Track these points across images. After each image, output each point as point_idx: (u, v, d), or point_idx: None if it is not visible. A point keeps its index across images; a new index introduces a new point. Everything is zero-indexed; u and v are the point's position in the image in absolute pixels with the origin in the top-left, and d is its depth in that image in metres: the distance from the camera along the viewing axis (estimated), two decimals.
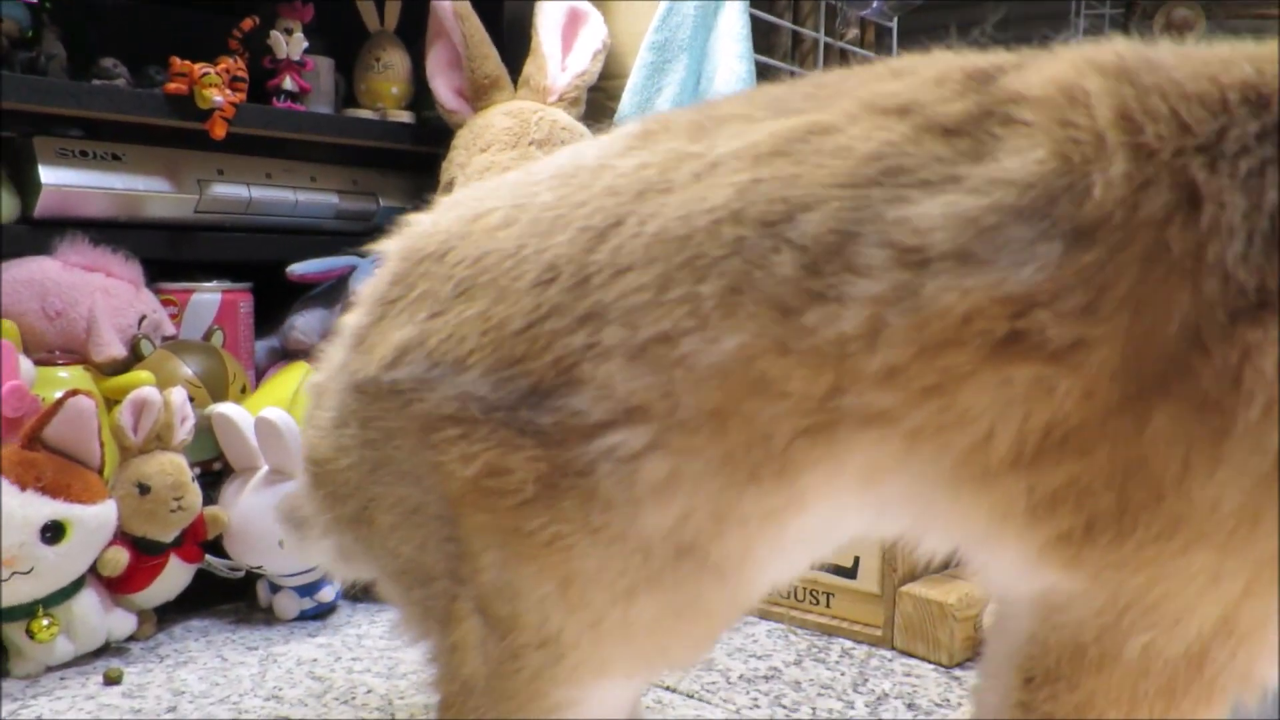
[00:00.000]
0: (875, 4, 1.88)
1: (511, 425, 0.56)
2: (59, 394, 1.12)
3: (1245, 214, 0.47)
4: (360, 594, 1.36)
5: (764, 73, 1.71)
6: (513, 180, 0.65)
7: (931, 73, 0.55)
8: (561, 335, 0.55)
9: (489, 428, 0.56)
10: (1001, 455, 0.51)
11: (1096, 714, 0.54)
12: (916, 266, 0.50)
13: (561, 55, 1.56)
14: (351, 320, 0.67)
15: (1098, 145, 0.49)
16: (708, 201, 0.54)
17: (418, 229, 0.67)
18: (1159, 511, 0.49)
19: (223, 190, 1.45)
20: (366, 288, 0.68)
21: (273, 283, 1.50)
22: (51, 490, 1.08)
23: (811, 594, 1.25)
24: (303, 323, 1.50)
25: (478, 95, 1.52)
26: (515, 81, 1.54)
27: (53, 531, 1.08)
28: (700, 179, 0.55)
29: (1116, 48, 0.53)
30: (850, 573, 1.22)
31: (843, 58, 1.96)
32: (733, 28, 1.62)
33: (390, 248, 0.68)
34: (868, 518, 0.58)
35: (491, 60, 1.52)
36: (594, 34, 1.57)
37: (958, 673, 1.12)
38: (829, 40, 1.92)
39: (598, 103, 1.63)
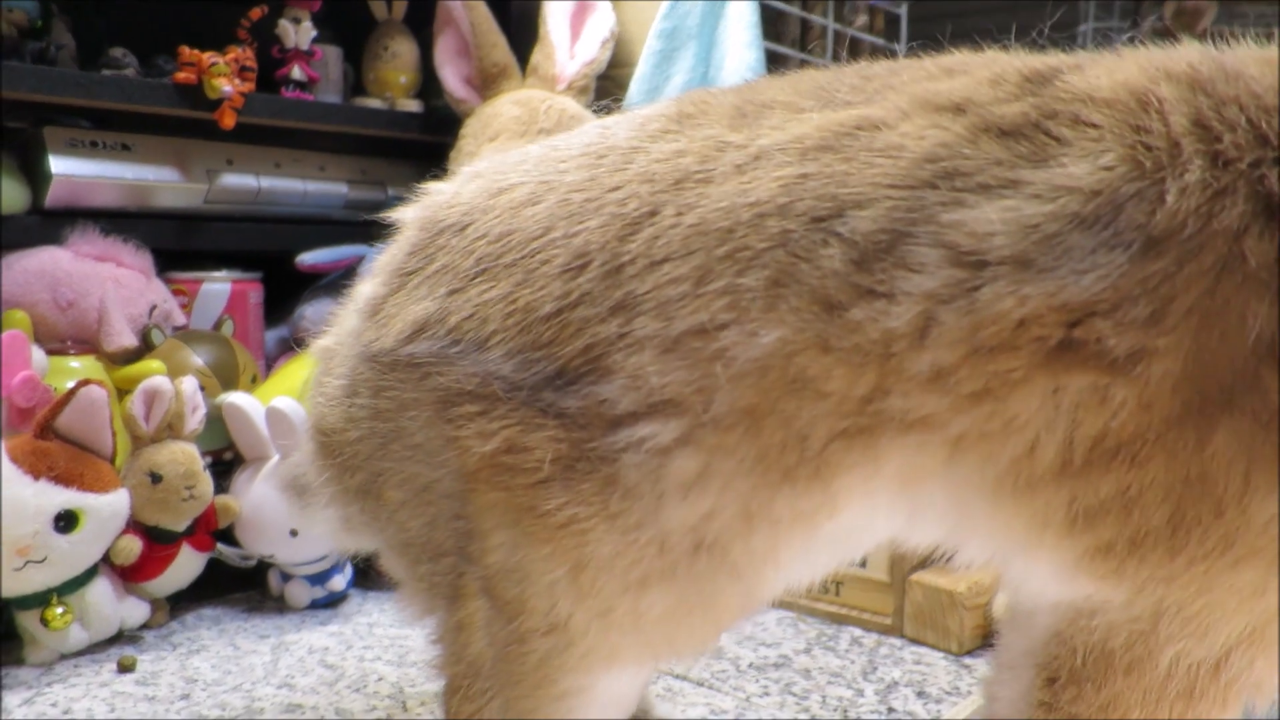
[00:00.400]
0: None
1: (534, 405, 0.55)
2: (71, 384, 1.13)
3: None
4: (371, 583, 1.36)
5: (773, 60, 1.71)
6: (537, 154, 0.64)
7: (986, 72, 0.54)
8: (592, 324, 0.54)
9: (510, 405, 0.56)
10: (1046, 464, 0.50)
11: (1120, 714, 0.54)
12: (973, 267, 0.49)
13: (570, 43, 1.55)
14: (366, 289, 0.66)
15: (1172, 152, 0.48)
16: (751, 195, 0.53)
17: (437, 199, 0.65)
18: (1215, 527, 0.48)
19: (232, 180, 1.45)
20: (383, 256, 0.66)
21: (282, 272, 1.51)
22: (64, 479, 1.09)
23: (821, 582, 1.25)
24: (312, 312, 1.50)
25: (486, 84, 1.52)
26: (523, 70, 1.53)
27: (66, 520, 1.08)
28: (743, 171, 0.54)
29: (1188, 56, 0.52)
30: (860, 561, 1.22)
31: (852, 45, 1.95)
32: (741, 15, 1.61)
33: (408, 216, 0.66)
34: (900, 523, 0.57)
35: (500, 49, 1.52)
36: (602, 22, 1.57)
37: (967, 661, 1.12)
38: (838, 27, 1.91)
39: (606, 91, 1.63)
